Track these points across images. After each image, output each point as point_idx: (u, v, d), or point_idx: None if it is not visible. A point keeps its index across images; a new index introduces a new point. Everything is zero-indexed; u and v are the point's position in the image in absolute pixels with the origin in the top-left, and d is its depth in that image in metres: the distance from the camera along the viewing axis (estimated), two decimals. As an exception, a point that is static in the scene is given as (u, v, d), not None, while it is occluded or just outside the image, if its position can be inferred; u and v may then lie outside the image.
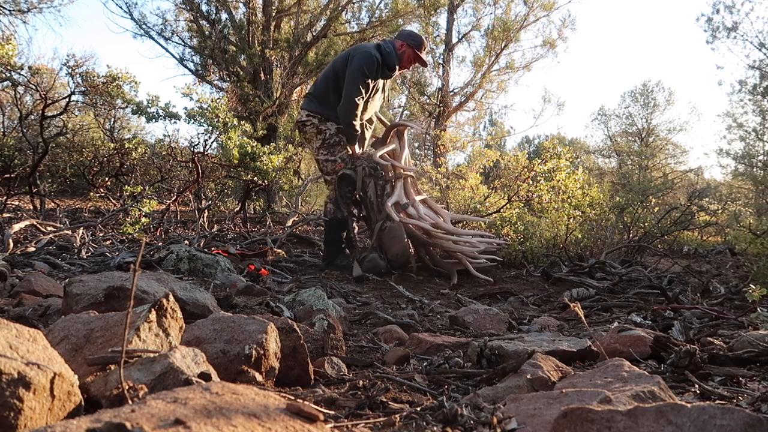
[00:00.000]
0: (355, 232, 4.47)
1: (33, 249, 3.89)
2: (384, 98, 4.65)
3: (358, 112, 4.20)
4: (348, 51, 4.39)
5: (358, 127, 4.25)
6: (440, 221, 4.38)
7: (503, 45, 15.21)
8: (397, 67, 4.30)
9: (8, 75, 5.33)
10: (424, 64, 4.50)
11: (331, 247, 4.33)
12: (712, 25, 17.43)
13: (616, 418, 0.84)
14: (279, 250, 4.71)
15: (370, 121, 4.54)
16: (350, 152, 4.29)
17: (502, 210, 5.96)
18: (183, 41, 11.79)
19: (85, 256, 3.89)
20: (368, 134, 4.58)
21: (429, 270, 4.39)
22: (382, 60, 4.20)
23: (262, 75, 10.74)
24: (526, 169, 6.17)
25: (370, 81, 4.16)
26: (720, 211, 8.53)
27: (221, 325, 1.36)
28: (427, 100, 16.25)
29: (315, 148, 4.31)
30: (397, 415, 1.07)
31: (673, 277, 4.40)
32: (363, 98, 4.18)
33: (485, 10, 15.85)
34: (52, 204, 7.09)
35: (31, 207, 6.39)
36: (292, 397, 1.09)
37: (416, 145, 19.87)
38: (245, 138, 5.89)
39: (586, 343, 1.72)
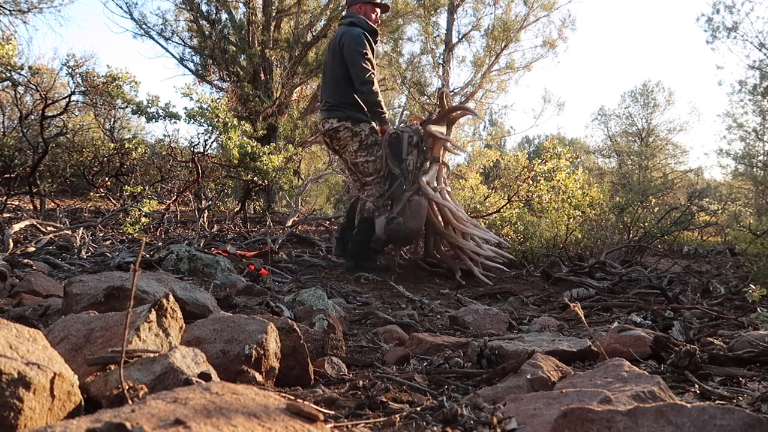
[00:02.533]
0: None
1: (33, 249, 3.89)
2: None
3: (378, 89, 4.25)
4: (331, 48, 4.39)
5: (383, 104, 4.29)
6: (464, 217, 4.42)
7: (503, 45, 15.19)
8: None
9: (8, 75, 5.34)
10: (384, 7, 4.54)
11: (359, 248, 4.30)
12: (712, 25, 17.43)
13: (616, 418, 0.84)
14: (281, 252, 4.71)
15: None
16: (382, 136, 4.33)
17: (502, 210, 5.96)
18: (183, 41, 11.77)
19: (85, 256, 3.89)
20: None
21: (429, 270, 4.39)
22: (366, 31, 4.27)
23: (262, 75, 10.73)
24: (526, 169, 6.17)
25: (370, 52, 4.22)
26: (720, 211, 8.53)
27: (221, 325, 1.36)
28: (427, 100, 16.24)
29: (352, 152, 4.27)
30: (397, 415, 1.07)
31: (673, 277, 4.40)
32: (375, 73, 4.24)
33: (485, 10, 15.83)
34: (52, 204, 7.09)
35: (31, 207, 6.39)
36: (292, 397, 1.09)
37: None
38: (245, 138, 5.89)
39: (586, 343, 1.72)
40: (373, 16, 4.41)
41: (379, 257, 4.55)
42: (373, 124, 4.31)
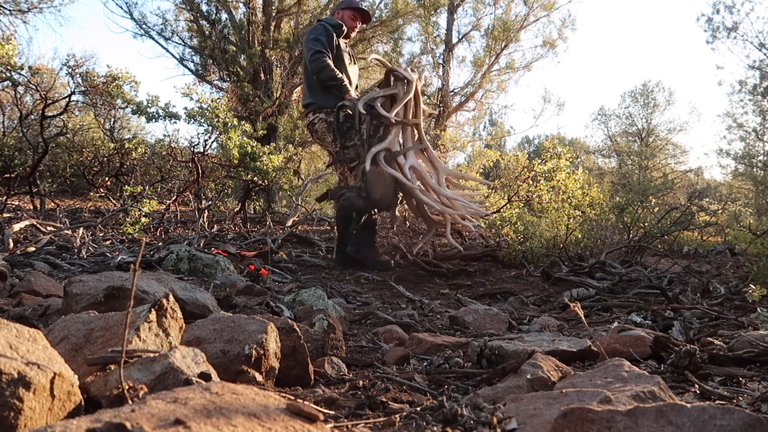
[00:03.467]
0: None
1: (33, 249, 3.89)
2: (358, 68, 4.82)
3: (328, 63, 4.22)
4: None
5: (339, 74, 4.26)
6: (429, 178, 4.24)
7: (503, 45, 15.19)
8: (346, 28, 4.50)
9: (8, 75, 5.34)
10: (364, 15, 4.68)
11: (360, 236, 4.28)
12: (712, 25, 17.45)
13: (616, 418, 0.84)
14: (281, 252, 4.70)
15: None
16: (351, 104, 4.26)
17: (502, 210, 5.96)
18: (183, 41, 11.79)
19: (85, 256, 3.88)
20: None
21: (429, 270, 4.39)
22: (327, 24, 4.39)
23: (262, 75, 10.74)
24: (526, 169, 6.17)
25: (323, 38, 4.27)
26: (720, 211, 8.54)
27: (221, 325, 1.36)
28: (428, 100, 16.24)
29: (330, 142, 4.30)
30: (397, 415, 1.07)
31: (673, 277, 4.40)
32: (325, 52, 4.24)
33: (485, 10, 15.83)
34: (52, 204, 7.09)
35: (31, 207, 6.39)
36: (292, 397, 1.09)
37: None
38: (245, 138, 5.89)
39: (586, 343, 1.72)
40: (351, 23, 4.54)
41: (381, 251, 4.52)
42: (349, 111, 4.25)
